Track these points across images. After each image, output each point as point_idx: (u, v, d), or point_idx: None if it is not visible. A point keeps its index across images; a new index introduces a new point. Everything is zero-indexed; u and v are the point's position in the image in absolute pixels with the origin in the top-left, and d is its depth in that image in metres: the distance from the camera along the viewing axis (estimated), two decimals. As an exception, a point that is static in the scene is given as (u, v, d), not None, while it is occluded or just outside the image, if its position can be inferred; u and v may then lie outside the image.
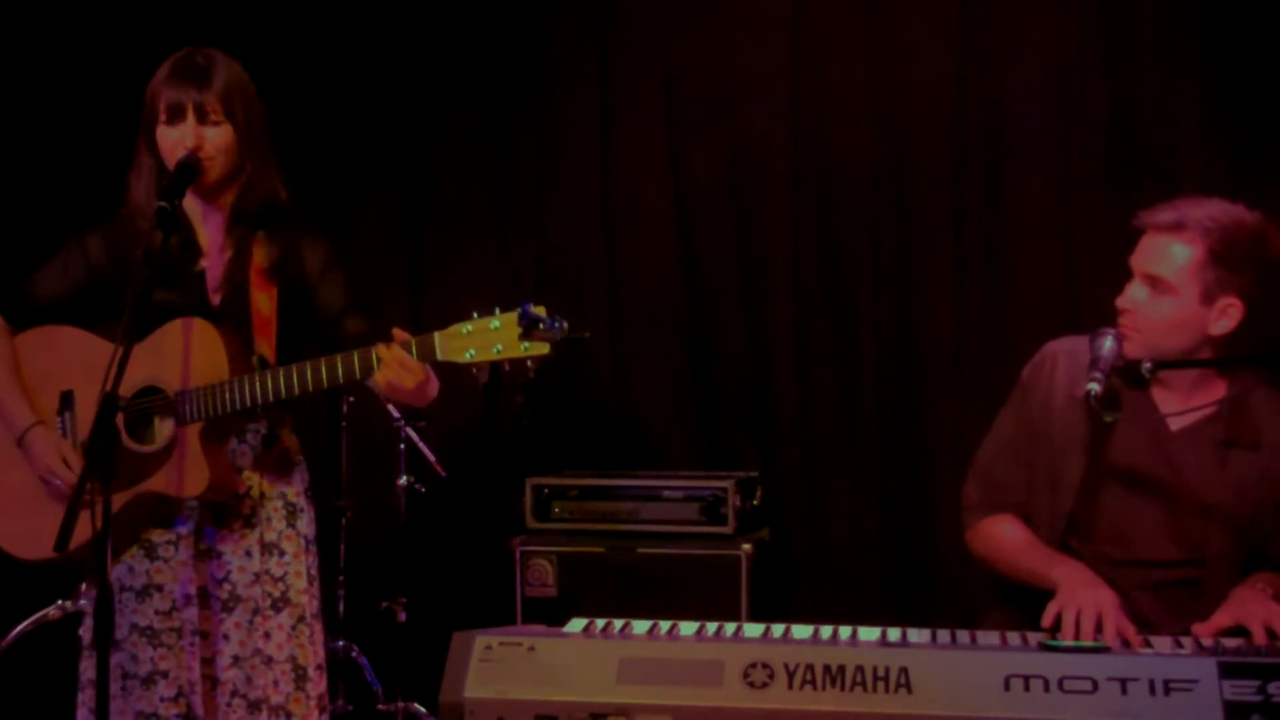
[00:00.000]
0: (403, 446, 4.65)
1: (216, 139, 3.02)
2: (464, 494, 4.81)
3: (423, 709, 4.56)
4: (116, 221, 3.12)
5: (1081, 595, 2.70)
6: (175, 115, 3.00)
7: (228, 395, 2.95)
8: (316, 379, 2.91)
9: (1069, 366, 3.03)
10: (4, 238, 4.56)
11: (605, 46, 4.93)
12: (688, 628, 2.63)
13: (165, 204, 2.86)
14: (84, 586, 4.21)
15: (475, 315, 2.77)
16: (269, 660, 3.06)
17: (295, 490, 3.18)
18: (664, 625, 2.64)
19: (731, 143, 4.82)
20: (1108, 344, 2.90)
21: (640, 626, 2.62)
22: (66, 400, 3.10)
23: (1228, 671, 2.30)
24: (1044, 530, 3.02)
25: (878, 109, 4.65)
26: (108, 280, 3.09)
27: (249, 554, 3.08)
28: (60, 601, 4.32)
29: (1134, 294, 2.96)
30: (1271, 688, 2.27)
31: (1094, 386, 2.83)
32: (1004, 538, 3.05)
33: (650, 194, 4.90)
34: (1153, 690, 2.30)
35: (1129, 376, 2.95)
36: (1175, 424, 2.96)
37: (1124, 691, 2.30)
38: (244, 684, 3.04)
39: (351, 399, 4.70)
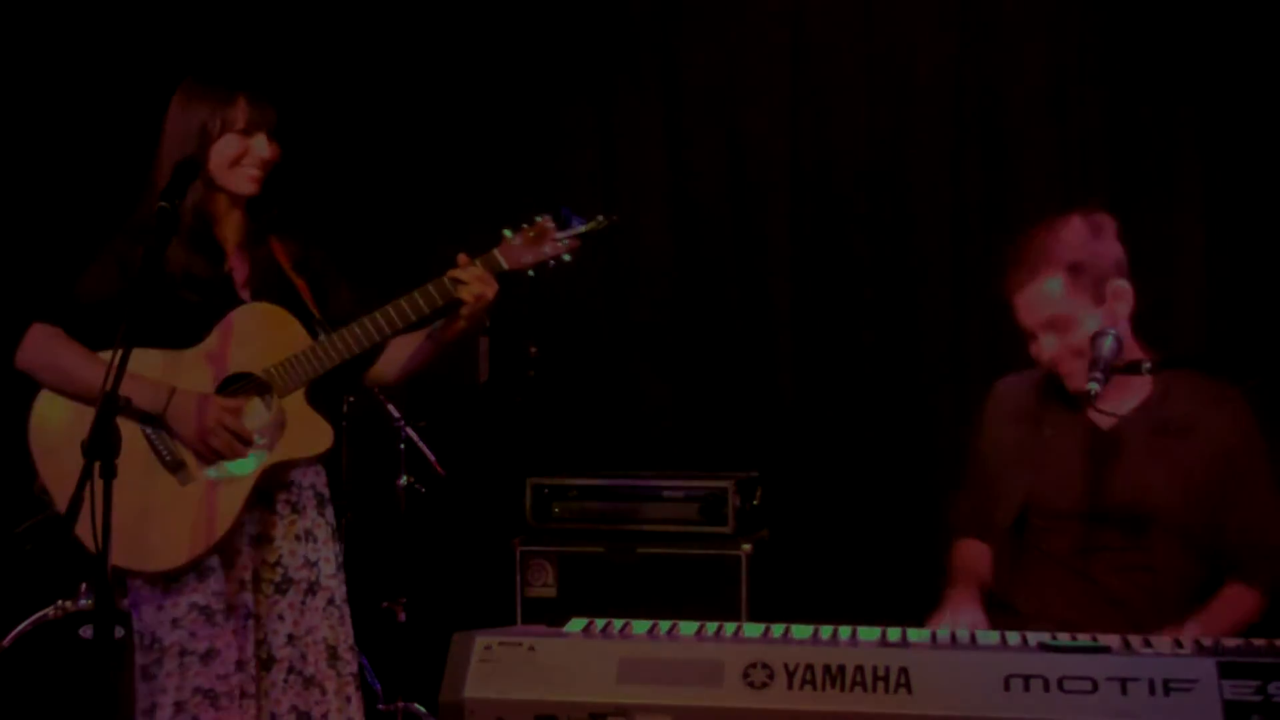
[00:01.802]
0: (403, 446, 4.65)
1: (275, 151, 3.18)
2: (464, 494, 4.81)
3: (423, 709, 4.56)
4: (141, 227, 3.13)
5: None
6: (255, 127, 3.12)
7: (322, 354, 3.10)
8: (403, 315, 3.10)
9: (1015, 398, 3.24)
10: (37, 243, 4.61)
11: (607, 48, 4.94)
12: (688, 628, 2.63)
13: (165, 204, 2.89)
14: (84, 586, 4.23)
15: (519, 226, 3.11)
16: (309, 635, 3.18)
17: (323, 480, 3.32)
18: (664, 625, 2.64)
19: (731, 142, 4.82)
20: (1108, 343, 2.93)
21: (640, 626, 2.62)
22: (147, 419, 3.12)
23: (1228, 671, 2.30)
24: (1000, 533, 3.22)
25: (876, 111, 4.66)
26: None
27: (298, 538, 3.21)
28: (60, 601, 4.31)
29: (1048, 344, 3.06)
30: (1271, 688, 2.27)
31: (1094, 386, 2.87)
32: (956, 562, 3.29)
33: (650, 194, 4.90)
34: (1153, 690, 2.29)
35: (1130, 374, 2.99)
36: (1105, 422, 3.09)
37: (1124, 691, 2.30)
38: (299, 661, 3.16)
39: (352, 399, 4.70)
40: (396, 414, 4.60)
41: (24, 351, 3.15)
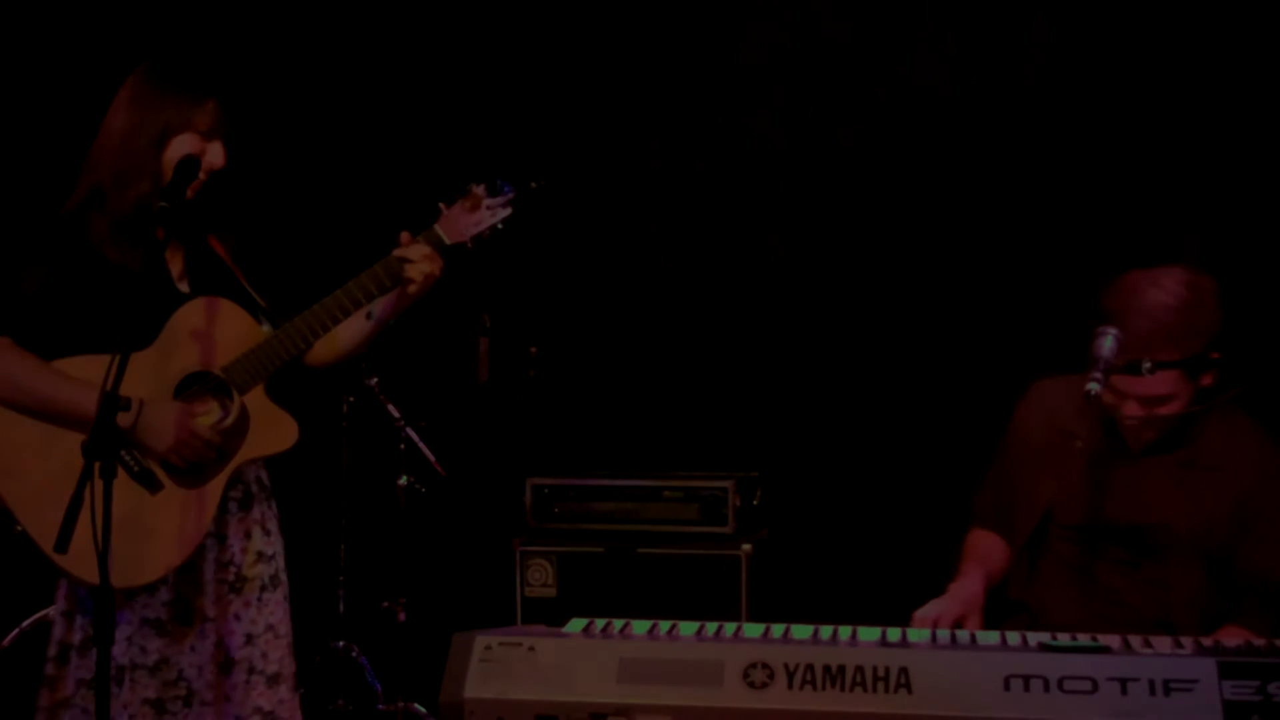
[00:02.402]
0: (403, 446, 4.65)
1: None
2: (464, 494, 4.82)
3: (423, 709, 4.56)
4: (60, 224, 3.03)
5: (937, 604, 2.97)
6: (215, 133, 3.04)
7: (278, 347, 3.04)
8: (354, 299, 3.06)
9: (1050, 404, 3.23)
10: None
11: (605, 44, 4.94)
12: (688, 628, 2.63)
13: (166, 203, 2.88)
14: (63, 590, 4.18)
15: (453, 198, 3.09)
16: (278, 635, 3.13)
17: (264, 472, 3.21)
18: (664, 625, 2.64)
19: (732, 142, 4.82)
20: (1108, 343, 2.93)
21: (640, 626, 2.62)
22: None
23: (1227, 671, 2.30)
24: (1019, 537, 3.22)
25: (875, 111, 4.66)
26: (68, 284, 3.01)
27: (249, 535, 3.13)
28: (60, 601, 4.31)
29: (1137, 410, 3.02)
30: (1271, 688, 2.27)
31: (1094, 387, 2.87)
32: (967, 547, 3.30)
33: (650, 193, 4.90)
34: (1153, 690, 2.29)
35: (1129, 374, 2.99)
36: (1136, 445, 3.10)
37: (1124, 691, 2.30)
38: (260, 660, 3.09)
39: (351, 399, 4.70)
40: (396, 414, 4.60)
41: None
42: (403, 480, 4.66)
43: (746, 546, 4.28)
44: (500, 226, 3.11)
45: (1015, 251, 4.54)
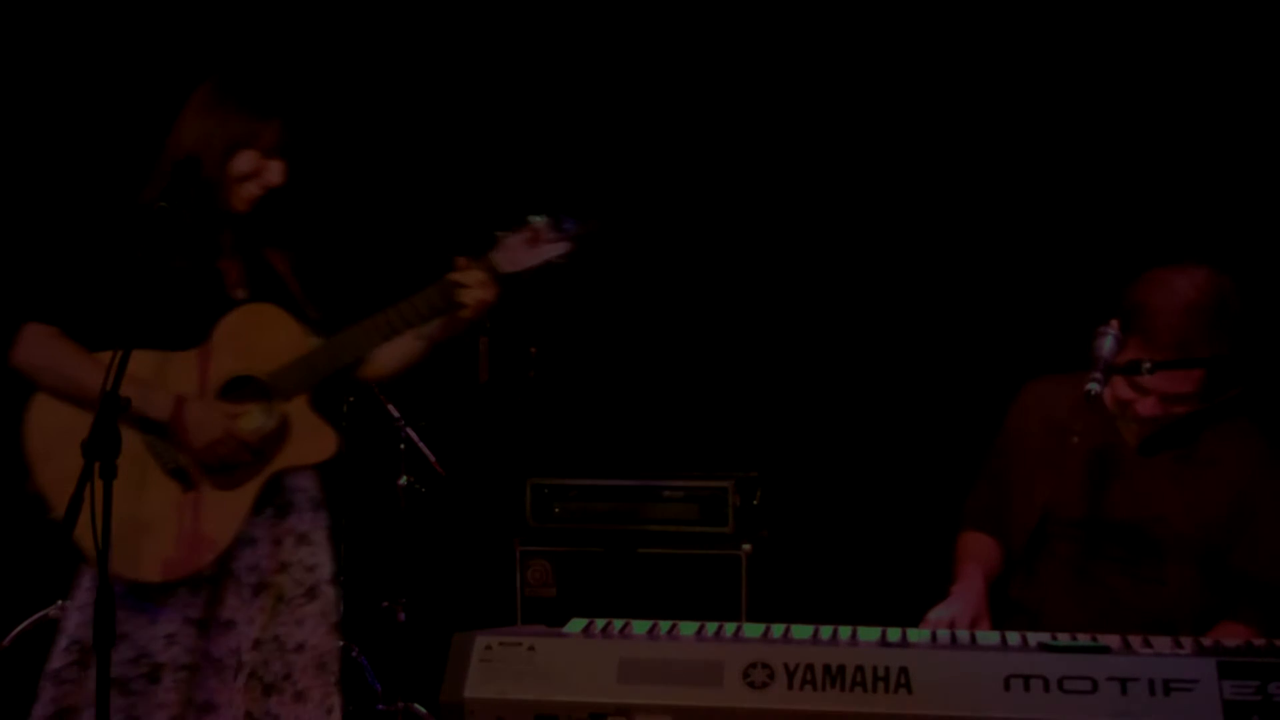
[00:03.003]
0: (403, 446, 4.65)
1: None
2: (464, 494, 4.82)
3: (423, 709, 4.56)
4: (136, 220, 3.08)
5: (949, 606, 3.00)
6: (277, 151, 3.09)
7: (326, 359, 3.07)
8: (405, 319, 3.09)
9: (1045, 403, 3.23)
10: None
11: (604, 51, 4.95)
12: (688, 628, 2.63)
13: (165, 204, 2.89)
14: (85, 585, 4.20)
15: (512, 229, 3.12)
16: (299, 648, 3.11)
17: (316, 483, 3.25)
18: (664, 625, 2.63)
19: (730, 143, 4.82)
20: (1108, 343, 2.92)
21: (640, 626, 2.62)
22: (150, 426, 3.05)
23: (1227, 671, 2.29)
24: (1018, 538, 3.20)
25: (870, 111, 4.66)
26: (120, 281, 3.05)
27: (279, 542, 3.14)
28: (60, 602, 4.31)
29: (1152, 405, 3.00)
30: (1271, 688, 2.27)
31: (1094, 387, 2.86)
32: (962, 549, 3.30)
33: (650, 194, 4.90)
34: (1153, 690, 2.29)
35: (1127, 374, 2.99)
36: (1134, 441, 3.10)
37: (1124, 691, 2.30)
38: (262, 667, 3.08)
39: (352, 398, 4.70)
40: (396, 414, 4.60)
41: (19, 352, 3.05)
42: (403, 480, 4.66)
43: (746, 546, 4.28)
44: (560, 261, 3.15)
45: (1013, 256, 4.55)
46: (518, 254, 3.11)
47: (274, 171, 3.09)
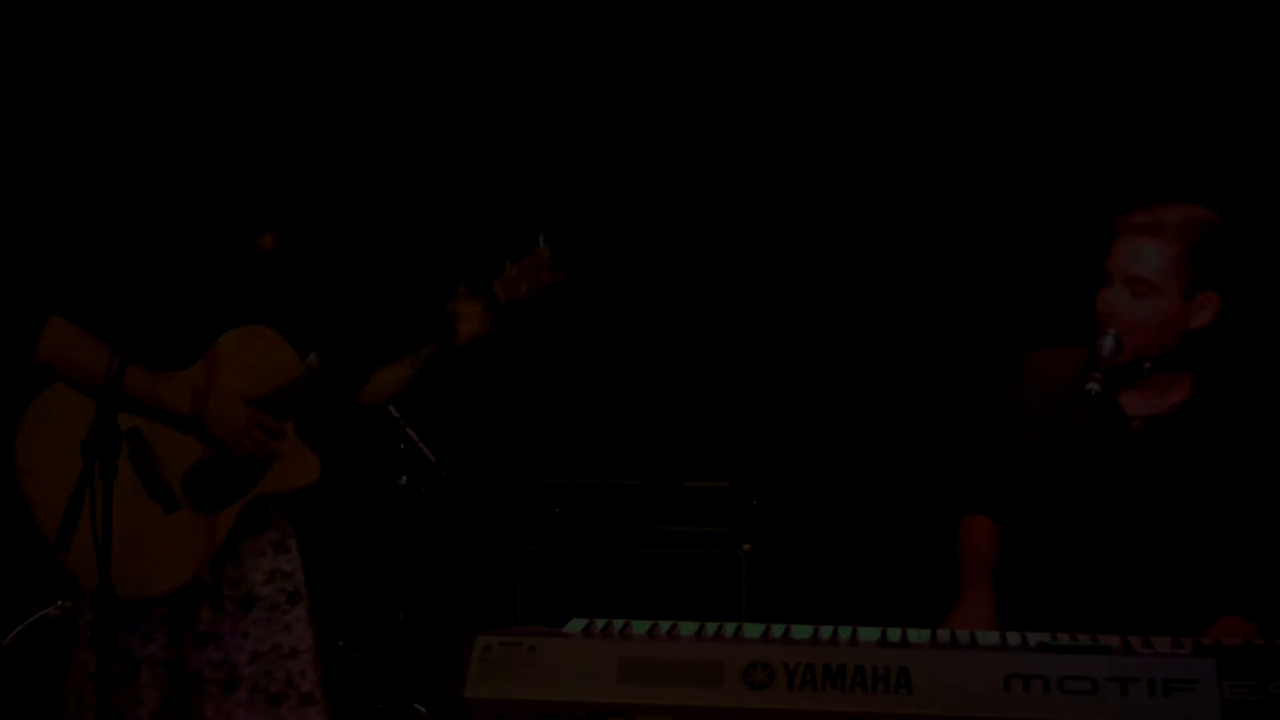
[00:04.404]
0: (403, 446, 4.65)
1: None
2: (465, 494, 4.82)
3: (422, 709, 4.56)
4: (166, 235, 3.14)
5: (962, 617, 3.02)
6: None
7: (315, 384, 3.11)
8: (399, 346, 3.14)
9: (1045, 375, 3.17)
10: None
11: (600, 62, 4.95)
12: (688, 628, 2.63)
13: (165, 204, 2.93)
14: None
15: (515, 258, 3.20)
16: (294, 652, 3.13)
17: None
18: (664, 625, 2.63)
19: (727, 146, 4.83)
20: (1108, 344, 2.93)
21: (640, 626, 2.62)
22: (134, 437, 3.08)
23: (1227, 671, 2.29)
24: (1015, 519, 3.18)
25: (859, 117, 4.67)
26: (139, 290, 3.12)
27: (262, 554, 3.16)
28: (60, 601, 4.32)
29: (1116, 298, 2.99)
30: (1271, 688, 2.27)
31: (1094, 387, 2.88)
32: (965, 536, 3.27)
33: (650, 195, 4.91)
34: (1153, 690, 2.29)
35: (1128, 375, 2.98)
36: (1138, 420, 3.06)
37: (1124, 691, 2.30)
38: (264, 679, 3.10)
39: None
40: (396, 414, 4.60)
41: (45, 346, 3.09)
42: (403, 480, 4.66)
43: (746, 546, 4.28)
44: (556, 284, 3.24)
45: (1012, 256, 4.55)
46: (518, 281, 3.20)
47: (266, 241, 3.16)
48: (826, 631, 2.59)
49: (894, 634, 2.57)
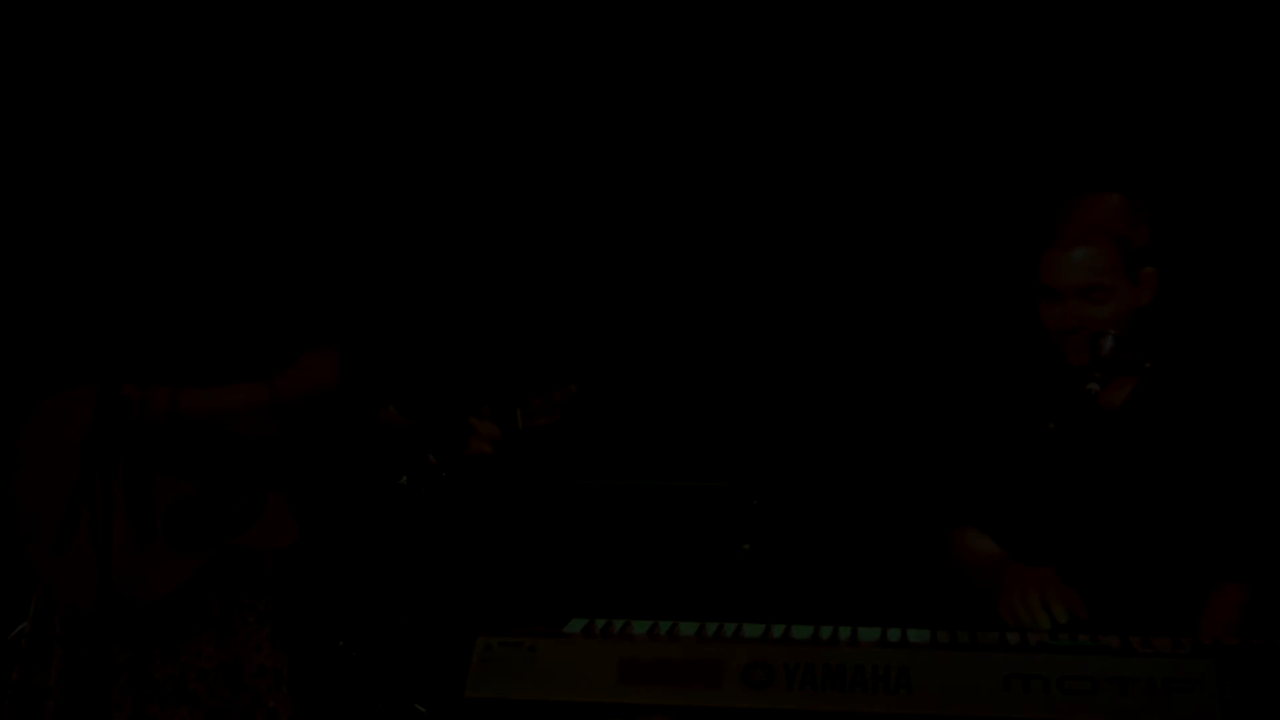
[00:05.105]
0: (403, 446, 4.65)
1: None
2: (464, 494, 4.81)
3: (422, 709, 4.56)
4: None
5: (1021, 584, 2.91)
6: None
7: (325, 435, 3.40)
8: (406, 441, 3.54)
9: (1007, 388, 3.29)
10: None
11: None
12: (688, 628, 2.63)
13: None
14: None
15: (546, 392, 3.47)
16: (260, 670, 3.24)
17: None
18: (664, 625, 2.64)
19: (727, 149, 4.82)
20: (1108, 343, 2.96)
21: (640, 626, 2.62)
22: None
23: (1227, 671, 2.30)
24: (1007, 523, 3.22)
25: (857, 116, 4.67)
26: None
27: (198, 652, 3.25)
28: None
29: (1076, 309, 3.06)
30: (1272, 688, 2.27)
31: (1095, 387, 2.89)
32: (963, 538, 3.32)
33: (644, 199, 4.91)
34: (1153, 690, 2.30)
35: (1129, 370, 3.02)
36: (1111, 406, 3.12)
37: (1124, 691, 2.30)
38: (227, 704, 3.20)
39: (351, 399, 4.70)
40: (398, 415, 4.60)
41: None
42: (403, 480, 4.66)
43: (746, 546, 4.28)
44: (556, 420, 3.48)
45: (1010, 255, 4.55)
46: (537, 414, 3.47)
47: None
48: (826, 631, 2.59)
49: (894, 634, 2.57)
